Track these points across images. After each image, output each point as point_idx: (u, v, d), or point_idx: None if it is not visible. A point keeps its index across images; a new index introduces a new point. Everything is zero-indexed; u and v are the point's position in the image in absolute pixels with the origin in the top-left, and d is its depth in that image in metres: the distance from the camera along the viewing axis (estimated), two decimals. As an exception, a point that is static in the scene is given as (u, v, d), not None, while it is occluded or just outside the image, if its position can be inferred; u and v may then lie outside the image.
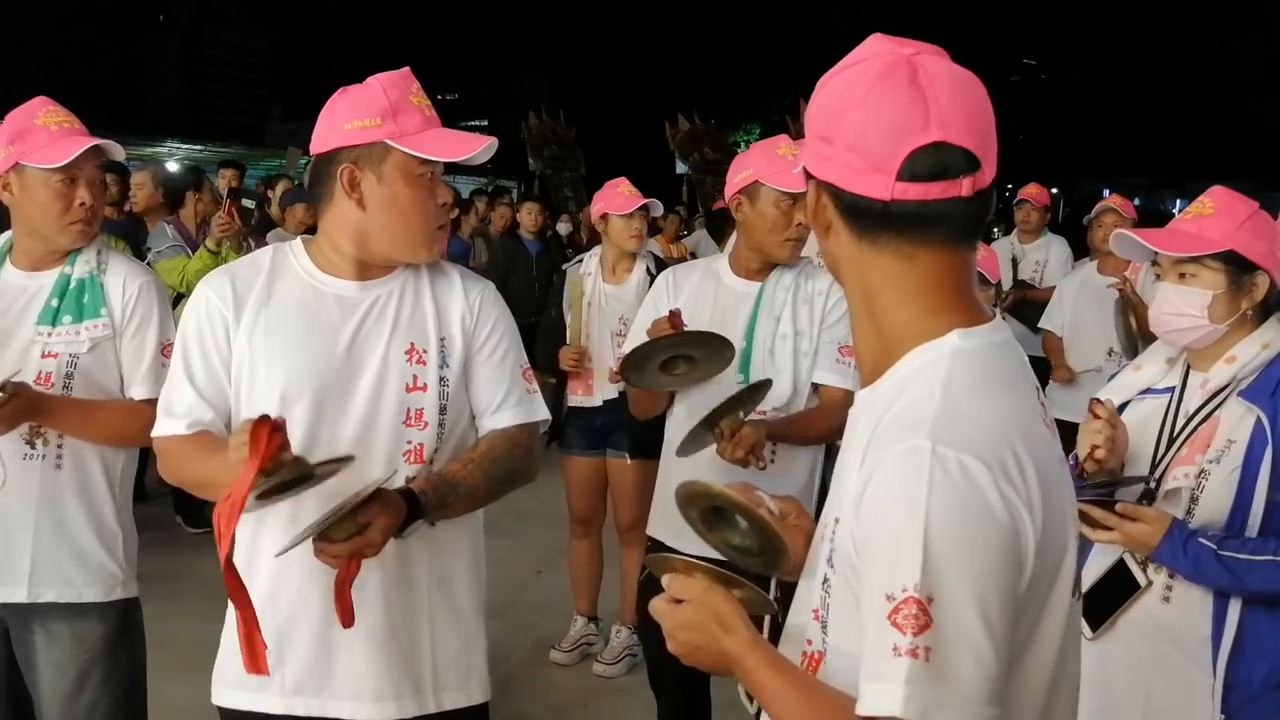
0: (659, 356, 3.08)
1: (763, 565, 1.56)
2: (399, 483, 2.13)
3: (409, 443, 2.19)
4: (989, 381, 1.30)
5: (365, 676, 2.20)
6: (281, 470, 1.89)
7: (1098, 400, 2.53)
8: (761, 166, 3.13)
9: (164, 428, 2.22)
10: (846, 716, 1.22)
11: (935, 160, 1.27)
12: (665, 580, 1.46)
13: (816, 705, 1.31)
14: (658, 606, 1.46)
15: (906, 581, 1.17)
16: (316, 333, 2.18)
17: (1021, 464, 1.23)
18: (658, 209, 5.12)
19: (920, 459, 1.19)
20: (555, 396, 4.68)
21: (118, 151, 2.78)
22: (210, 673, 2.27)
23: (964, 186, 1.29)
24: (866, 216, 1.32)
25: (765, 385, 3.02)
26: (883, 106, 1.28)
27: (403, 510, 2.04)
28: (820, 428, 3.13)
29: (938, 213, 1.30)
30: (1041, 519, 1.23)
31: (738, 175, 3.18)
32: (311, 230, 2.38)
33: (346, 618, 2.04)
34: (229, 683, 2.24)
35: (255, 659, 1.96)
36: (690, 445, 3.07)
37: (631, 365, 3.14)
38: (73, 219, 2.68)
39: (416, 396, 2.19)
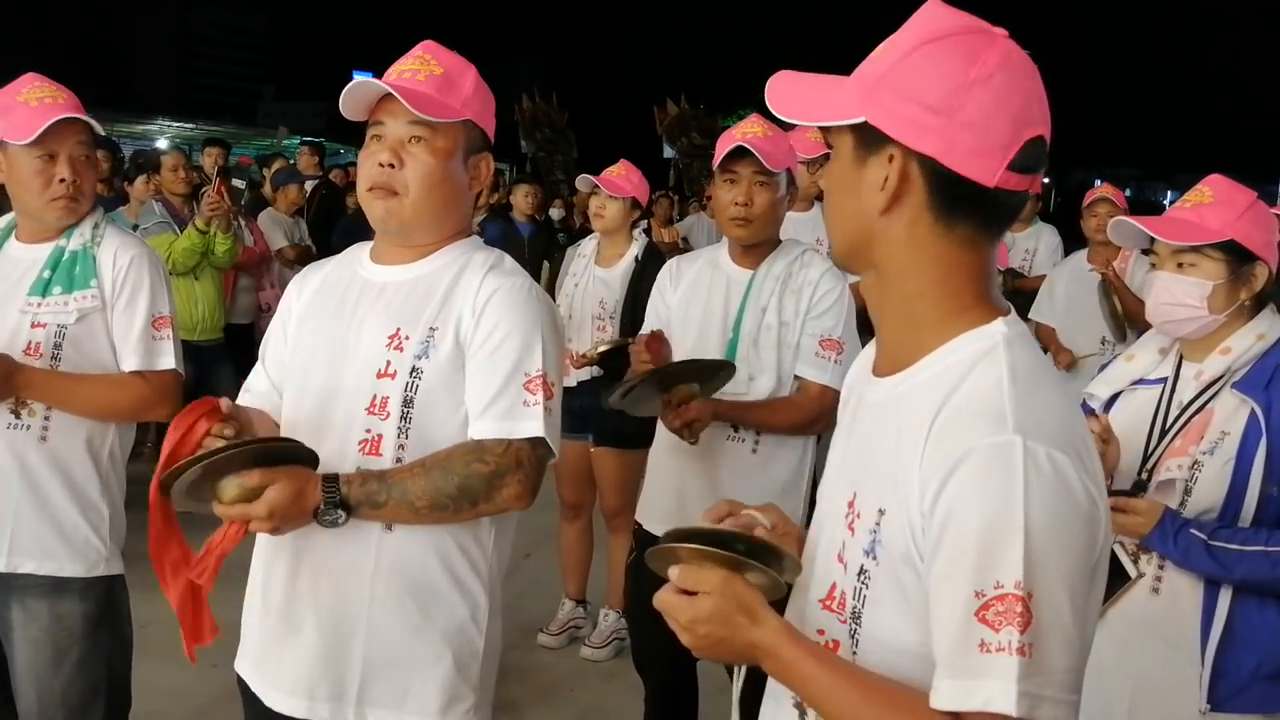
0: (646, 392, 3.01)
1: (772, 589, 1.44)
2: (343, 469, 2.05)
3: (368, 431, 2.07)
4: (1045, 371, 1.32)
5: (284, 665, 2.12)
6: (205, 453, 1.87)
7: (1095, 415, 2.51)
8: (717, 152, 3.14)
9: (240, 401, 2.24)
10: (918, 710, 1.22)
11: (1036, 154, 1.30)
12: (673, 572, 1.36)
13: (880, 699, 1.28)
14: (668, 600, 1.36)
15: (1003, 578, 1.17)
16: (329, 314, 2.17)
17: (1091, 451, 1.26)
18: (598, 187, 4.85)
19: (1013, 455, 1.19)
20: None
21: (94, 126, 2.76)
22: (197, 652, 2.25)
23: (1038, 183, 1.32)
24: (960, 198, 1.30)
25: (729, 368, 2.99)
26: (1012, 91, 1.28)
27: (308, 493, 1.94)
28: (784, 418, 3.06)
29: (1011, 204, 1.32)
30: (1104, 501, 1.26)
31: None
32: (301, 211, 2.36)
33: (199, 574, 1.98)
34: (240, 651, 2.25)
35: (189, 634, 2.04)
36: (635, 399, 3.02)
37: (626, 404, 3.08)
38: (53, 195, 2.67)
39: (384, 383, 2.07)
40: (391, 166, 2.08)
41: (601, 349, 3.97)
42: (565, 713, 4.39)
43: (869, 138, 1.31)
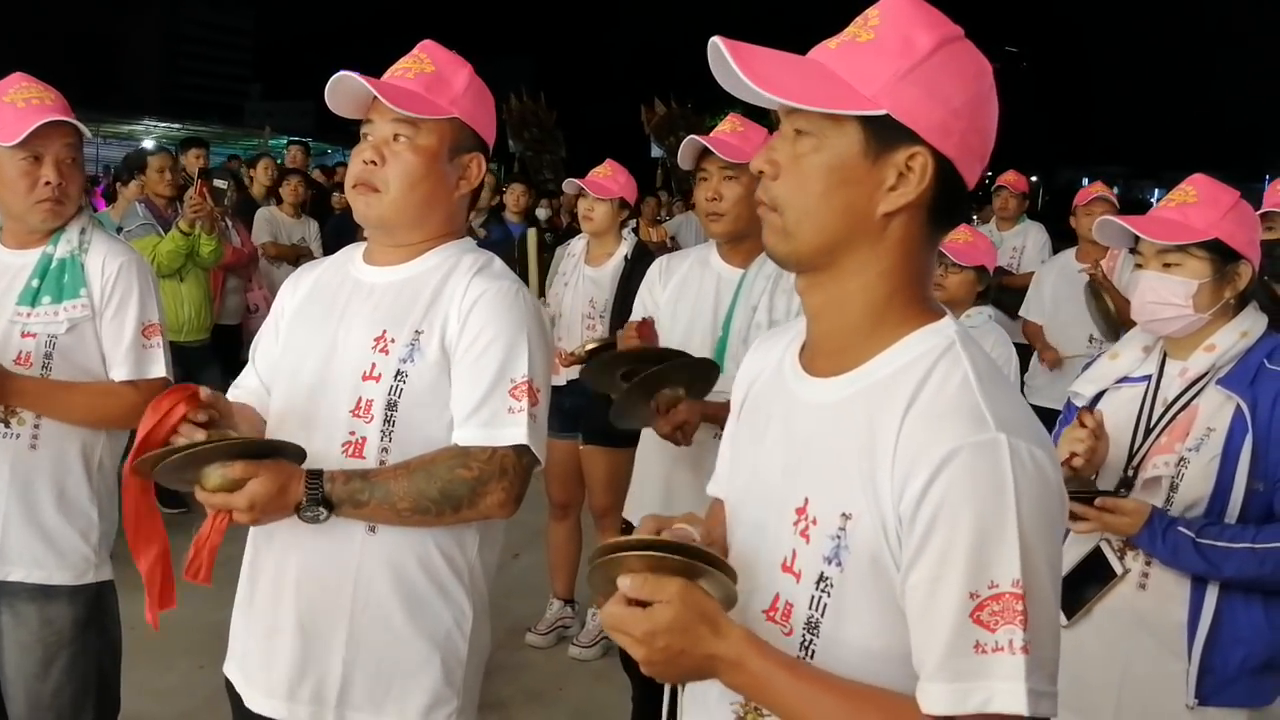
0: (622, 368, 3.03)
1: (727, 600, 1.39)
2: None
3: (351, 434, 2.05)
4: (997, 367, 1.34)
5: (266, 667, 2.11)
6: (186, 443, 1.87)
7: (1088, 411, 2.51)
8: (680, 156, 3.18)
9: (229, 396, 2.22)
10: (906, 715, 1.22)
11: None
12: (624, 583, 1.27)
13: (866, 707, 1.25)
14: (619, 613, 1.27)
15: (999, 578, 1.18)
16: (319, 315, 2.16)
17: (1050, 440, 1.28)
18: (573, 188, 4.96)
19: (999, 453, 1.20)
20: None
21: (81, 129, 2.73)
22: (185, 653, 2.24)
23: None
24: (954, 199, 1.32)
25: (715, 369, 2.99)
26: (996, 97, 1.32)
27: (291, 488, 1.93)
28: None
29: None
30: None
31: None
32: (304, 206, 2.35)
33: (194, 573, 1.97)
34: (229, 653, 2.23)
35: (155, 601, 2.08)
36: (624, 412, 3.03)
37: (594, 373, 3.13)
38: (39, 198, 2.64)
39: (369, 386, 2.05)
40: (374, 164, 2.08)
41: (590, 346, 3.96)
42: (553, 712, 4.39)
43: (885, 132, 1.27)
